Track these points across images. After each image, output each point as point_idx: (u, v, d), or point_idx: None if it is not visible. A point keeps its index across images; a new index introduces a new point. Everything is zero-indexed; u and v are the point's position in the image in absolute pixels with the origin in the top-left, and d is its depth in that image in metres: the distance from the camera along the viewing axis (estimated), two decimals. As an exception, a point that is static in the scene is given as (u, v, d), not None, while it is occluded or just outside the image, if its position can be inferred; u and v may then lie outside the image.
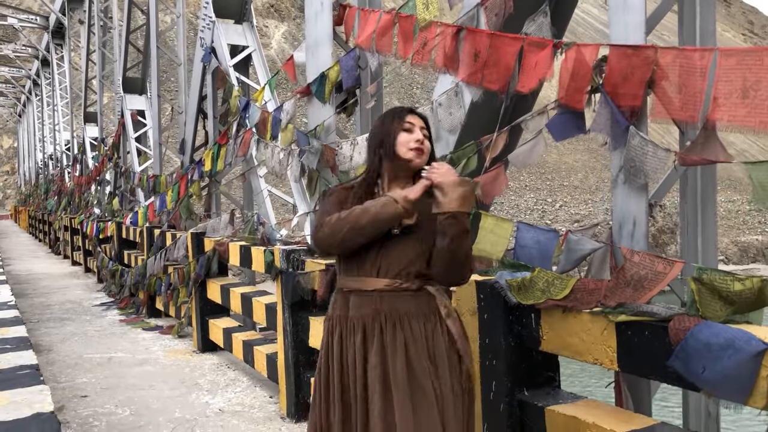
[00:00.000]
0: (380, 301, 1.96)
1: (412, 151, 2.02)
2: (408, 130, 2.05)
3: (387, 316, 1.95)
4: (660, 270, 1.98)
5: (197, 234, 5.77)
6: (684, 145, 2.46)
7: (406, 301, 1.96)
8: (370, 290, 1.98)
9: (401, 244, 1.97)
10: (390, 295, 1.96)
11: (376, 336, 1.95)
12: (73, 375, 5.00)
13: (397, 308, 1.95)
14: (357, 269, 2.01)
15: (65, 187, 16.86)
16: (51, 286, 10.05)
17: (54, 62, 19.96)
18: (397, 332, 1.93)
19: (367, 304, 1.98)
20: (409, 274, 1.97)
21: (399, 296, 1.96)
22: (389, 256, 1.97)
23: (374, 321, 1.96)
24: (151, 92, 9.75)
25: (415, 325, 1.94)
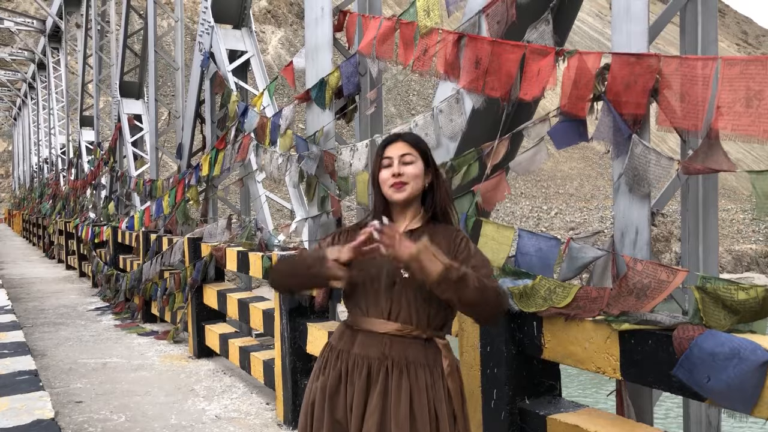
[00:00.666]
0: (389, 346, 1.88)
1: (390, 188, 1.94)
2: (387, 165, 1.95)
3: (394, 361, 1.87)
4: (663, 278, 1.98)
5: (194, 239, 5.74)
6: (686, 153, 2.46)
7: (415, 349, 1.88)
8: (380, 333, 1.90)
9: (411, 288, 1.88)
10: (399, 340, 1.88)
11: (380, 380, 1.86)
12: (67, 380, 4.96)
13: (405, 355, 1.87)
14: (367, 308, 1.92)
15: (60, 191, 16.80)
16: (45, 291, 9.99)
17: (50, 66, 19.92)
18: (403, 379, 1.86)
19: (376, 346, 1.89)
20: (420, 321, 1.89)
21: (408, 343, 1.88)
22: (400, 300, 1.89)
23: (381, 364, 1.88)
24: (148, 96, 9.73)
25: (420, 374, 1.86)
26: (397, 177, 1.92)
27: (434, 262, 1.72)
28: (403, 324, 1.88)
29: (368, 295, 1.93)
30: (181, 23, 8.50)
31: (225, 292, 5.19)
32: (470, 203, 2.91)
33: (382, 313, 1.91)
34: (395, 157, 1.94)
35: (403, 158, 1.94)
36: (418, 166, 1.94)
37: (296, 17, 50.71)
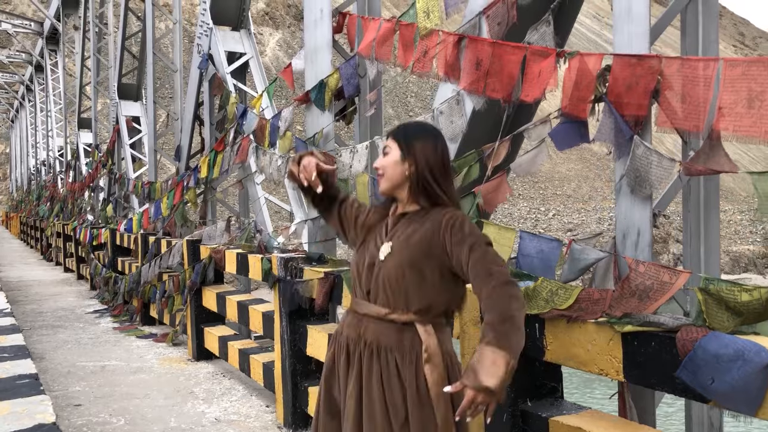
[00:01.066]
0: (365, 328, 1.90)
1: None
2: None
3: (367, 343, 1.88)
4: (666, 280, 1.97)
5: (193, 241, 5.73)
6: (687, 154, 2.46)
7: (389, 332, 1.86)
8: (360, 313, 1.93)
9: (388, 271, 1.88)
10: (375, 323, 1.88)
11: (356, 362, 1.90)
12: (66, 383, 4.94)
13: (378, 338, 1.87)
14: (354, 289, 1.99)
15: (58, 194, 16.78)
16: (43, 293, 9.97)
17: (48, 68, 19.90)
18: (374, 363, 1.86)
19: (355, 327, 1.94)
20: (397, 305, 1.87)
21: (384, 326, 1.87)
22: (378, 281, 1.90)
23: (356, 346, 1.92)
24: (147, 98, 9.72)
25: (391, 359, 1.84)
26: (376, 169, 2.00)
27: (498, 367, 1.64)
28: (381, 306, 1.89)
29: (356, 277, 1.99)
30: (179, 25, 8.49)
31: (224, 295, 5.18)
32: (471, 205, 2.91)
33: (363, 294, 1.95)
34: (380, 150, 2.03)
35: (383, 151, 2.00)
36: (393, 155, 1.96)
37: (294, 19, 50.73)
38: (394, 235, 1.93)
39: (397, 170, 1.95)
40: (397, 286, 1.87)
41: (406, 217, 1.96)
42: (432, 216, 1.91)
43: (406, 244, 1.88)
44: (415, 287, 1.86)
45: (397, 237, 1.92)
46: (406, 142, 1.96)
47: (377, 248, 1.94)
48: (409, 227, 1.92)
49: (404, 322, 1.86)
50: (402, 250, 1.88)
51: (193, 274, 5.53)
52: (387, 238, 1.94)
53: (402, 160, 1.94)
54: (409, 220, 1.95)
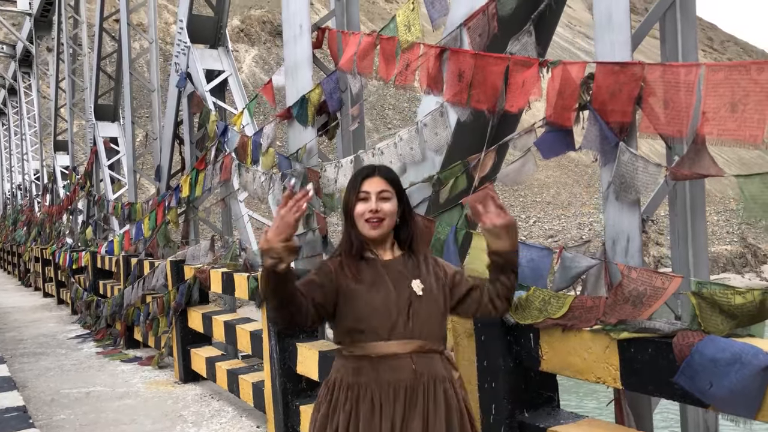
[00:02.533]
0: (418, 364, 1.91)
1: (366, 223, 1.95)
2: (364, 199, 1.96)
3: (428, 377, 1.91)
4: (659, 285, 1.98)
5: (177, 262, 5.66)
6: (671, 159, 2.48)
7: (436, 363, 1.95)
8: (406, 353, 1.91)
9: (426, 305, 1.95)
10: (424, 357, 1.92)
11: (419, 399, 1.88)
12: (50, 412, 4.83)
13: (432, 371, 1.92)
14: (388, 333, 1.90)
15: (35, 218, 16.50)
16: (23, 320, 9.77)
17: (21, 91, 19.65)
18: (438, 392, 1.91)
19: (405, 368, 1.89)
20: (436, 336, 1.96)
21: (432, 358, 1.94)
22: (419, 317, 1.93)
23: (416, 383, 1.89)
24: (124, 119, 9.63)
25: (446, 388, 1.93)
26: (375, 213, 1.95)
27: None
28: (424, 341, 1.93)
29: (388, 319, 1.92)
30: (156, 44, 8.44)
31: (210, 315, 5.12)
32: (459, 216, 2.90)
33: (405, 334, 1.92)
34: (373, 192, 1.96)
35: (380, 194, 1.97)
36: (393, 204, 1.98)
37: (269, 35, 50.72)
38: (413, 273, 1.97)
39: (393, 218, 1.99)
40: (435, 320, 1.96)
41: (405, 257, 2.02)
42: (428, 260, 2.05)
43: (433, 281, 1.98)
44: (442, 320, 2.00)
45: (420, 274, 1.98)
46: (399, 190, 2.02)
47: (406, 286, 1.94)
48: (425, 267, 2.01)
49: (439, 351, 1.97)
50: (433, 287, 1.97)
51: (178, 295, 5.46)
52: (411, 276, 1.96)
53: (398, 208, 2.00)
54: (415, 261, 2.02)
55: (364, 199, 1.96)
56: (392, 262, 1.99)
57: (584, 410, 6.05)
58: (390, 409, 1.87)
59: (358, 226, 1.97)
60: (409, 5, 3.27)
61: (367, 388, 1.90)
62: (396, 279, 1.95)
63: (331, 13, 4.57)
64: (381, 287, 1.93)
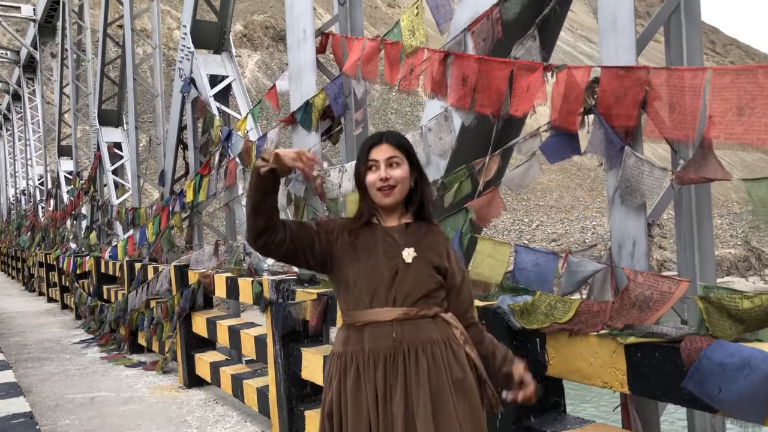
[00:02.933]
0: (400, 331, 1.90)
1: (378, 192, 1.95)
2: (372, 167, 1.96)
3: (409, 344, 1.89)
4: (665, 290, 1.97)
5: (181, 266, 5.66)
6: (677, 163, 2.47)
7: (427, 327, 1.92)
8: (387, 320, 1.90)
9: (414, 272, 1.93)
10: (409, 323, 1.91)
11: (399, 366, 1.87)
12: (54, 417, 4.83)
13: (418, 336, 1.90)
14: (370, 301, 1.93)
15: (39, 223, 16.53)
16: (27, 325, 9.78)
17: (26, 96, 19.71)
18: (420, 360, 1.88)
19: (386, 336, 1.90)
20: (427, 302, 1.93)
21: (418, 324, 1.91)
22: (405, 285, 1.92)
23: (397, 351, 1.89)
24: (128, 124, 9.65)
25: (436, 350, 1.90)
26: (385, 181, 1.93)
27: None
28: (409, 307, 1.91)
29: (371, 287, 1.94)
30: (159, 50, 8.46)
31: (215, 320, 5.11)
32: (464, 220, 2.90)
33: (387, 301, 1.92)
34: (381, 160, 1.95)
35: (389, 161, 1.95)
36: (404, 169, 1.96)
37: (272, 40, 50.84)
38: (410, 241, 1.96)
39: (406, 184, 1.97)
40: (424, 287, 1.94)
41: (411, 226, 2.00)
42: (432, 233, 2.03)
43: (428, 251, 1.96)
44: (436, 288, 1.96)
45: (416, 243, 1.96)
46: (410, 154, 1.99)
47: (396, 255, 1.94)
48: (425, 237, 1.99)
49: (433, 315, 1.94)
50: (427, 255, 1.95)
51: (182, 299, 5.46)
52: (405, 245, 1.95)
53: (410, 173, 1.98)
54: (416, 229, 2.00)
55: (373, 168, 1.95)
56: (393, 229, 1.98)
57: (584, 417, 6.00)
58: (372, 378, 1.88)
59: (371, 195, 1.97)
60: (413, 10, 3.28)
61: (353, 358, 1.92)
62: (389, 247, 1.95)
63: (334, 18, 4.57)
64: (372, 255, 1.95)
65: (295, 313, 3.76)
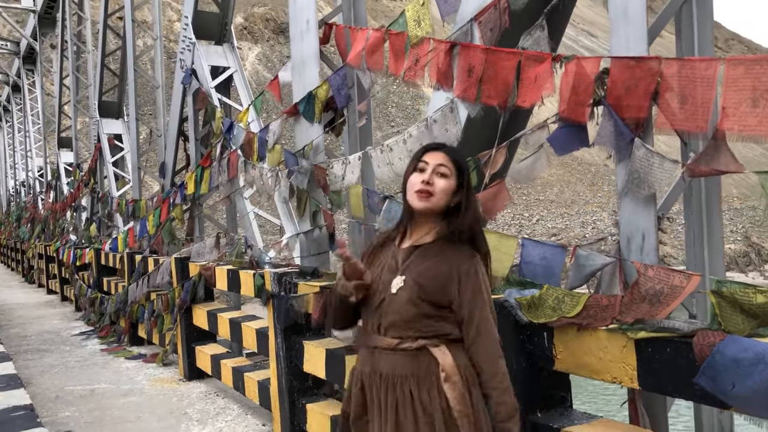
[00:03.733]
0: (378, 360, 1.87)
1: (415, 194, 1.87)
2: (421, 169, 1.89)
3: (382, 376, 1.86)
4: (677, 284, 1.94)
5: (181, 259, 5.63)
6: (687, 156, 2.44)
7: (403, 361, 1.84)
8: (372, 347, 1.90)
9: (399, 303, 1.86)
10: (387, 354, 1.86)
11: (375, 398, 1.88)
12: (54, 409, 4.80)
13: (392, 369, 1.85)
14: (366, 324, 1.95)
15: (39, 214, 16.49)
16: (27, 316, 9.76)
17: (25, 87, 19.64)
18: (389, 395, 1.84)
19: (368, 362, 1.91)
20: (408, 334, 1.85)
21: (396, 356, 1.85)
22: (389, 314, 1.87)
23: (371, 379, 1.89)
24: (129, 116, 9.60)
25: (406, 387, 1.82)
26: (425, 185, 1.87)
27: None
28: (392, 338, 1.86)
29: (368, 310, 1.94)
30: (160, 41, 8.40)
31: (215, 312, 5.09)
32: (469, 213, 2.86)
33: (374, 328, 1.90)
34: (431, 164, 1.89)
35: (438, 168, 1.89)
36: (450, 182, 1.89)
37: (272, 33, 50.66)
38: (407, 269, 1.89)
39: (445, 198, 1.89)
40: (408, 318, 1.85)
41: (420, 249, 1.91)
42: (451, 254, 1.88)
43: (420, 279, 1.85)
44: (426, 317, 1.85)
45: (410, 271, 1.87)
46: (462, 176, 1.91)
47: (387, 282, 1.90)
48: (424, 262, 1.88)
49: (417, 348, 1.84)
50: (415, 285, 1.85)
51: (183, 292, 5.43)
52: (399, 272, 1.89)
53: (455, 192, 1.90)
54: (423, 253, 1.90)
55: (421, 170, 1.89)
56: (400, 252, 1.93)
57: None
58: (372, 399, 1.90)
59: (407, 197, 1.91)
60: (419, 0, 3.23)
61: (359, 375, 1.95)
62: (389, 272, 1.91)
63: (337, 9, 4.53)
64: (376, 279, 1.93)
65: (298, 306, 3.73)
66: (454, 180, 1.89)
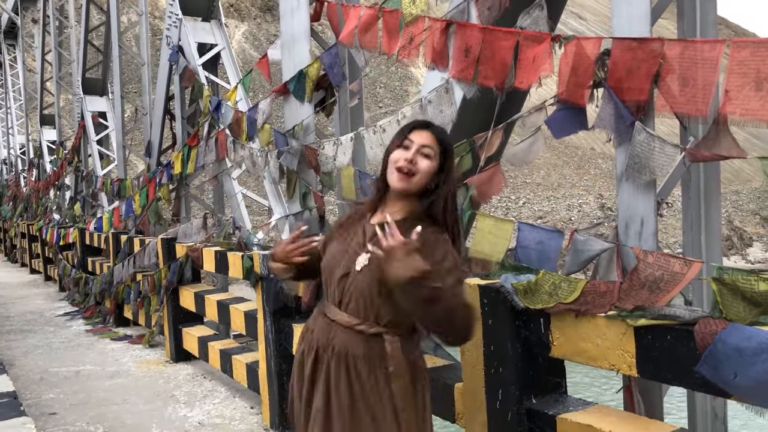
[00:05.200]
0: (335, 335, 1.84)
1: (396, 172, 1.81)
2: (405, 146, 1.83)
3: (334, 350, 1.83)
4: (677, 270, 1.91)
5: (168, 239, 5.55)
6: (686, 140, 2.40)
7: (357, 342, 1.81)
8: (330, 318, 1.87)
9: (362, 282, 1.80)
10: (344, 331, 1.82)
11: (324, 366, 1.85)
12: (38, 391, 4.74)
13: (347, 347, 1.81)
14: (326, 293, 1.92)
15: (21, 193, 16.25)
16: (9, 296, 9.63)
17: (6, 63, 19.23)
18: (342, 370, 1.81)
19: (325, 332, 1.87)
20: (367, 316, 1.81)
21: (352, 335, 1.81)
22: (350, 292, 1.83)
23: (324, 351, 1.86)
24: (114, 93, 9.42)
25: (361, 368, 1.80)
26: (409, 163, 1.80)
27: (410, 262, 1.61)
28: (350, 316, 1.83)
29: (329, 281, 1.90)
30: (146, 17, 8.22)
31: (203, 294, 5.03)
32: (464, 197, 2.82)
33: (335, 301, 1.87)
34: (416, 143, 1.83)
35: (422, 149, 1.82)
36: (432, 164, 1.83)
37: (259, 11, 49.98)
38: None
39: (425, 180, 1.83)
40: (370, 300, 1.80)
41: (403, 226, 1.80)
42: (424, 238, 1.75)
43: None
44: (385, 302, 1.78)
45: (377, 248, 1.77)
46: (446, 157, 1.86)
47: (353, 256, 1.83)
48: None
49: (372, 333, 1.81)
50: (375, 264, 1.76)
51: (170, 273, 5.36)
52: (365, 249, 1.82)
53: (437, 173, 1.84)
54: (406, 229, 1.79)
55: (405, 147, 1.83)
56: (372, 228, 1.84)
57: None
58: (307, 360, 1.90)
59: (387, 174, 1.85)
60: (414, -24, 3.15)
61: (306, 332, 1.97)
62: (357, 246, 1.86)
63: (329, -15, 4.42)
64: (339, 249, 1.89)
65: (288, 288, 3.68)
66: (437, 161, 1.84)
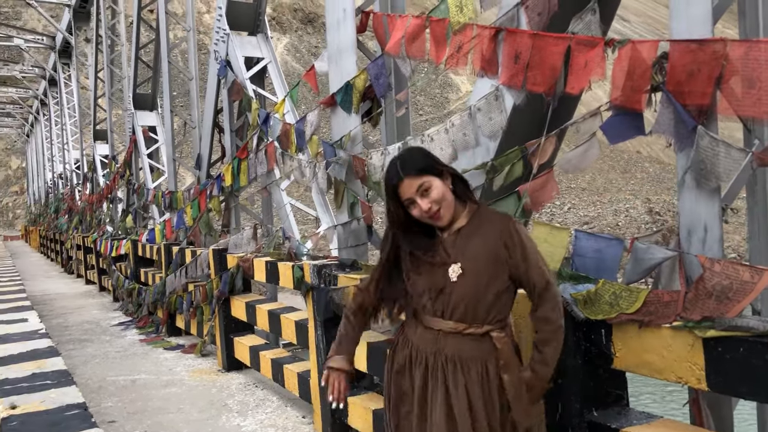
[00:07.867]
0: (444, 342, 1.96)
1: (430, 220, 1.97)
2: (408, 205, 1.97)
3: (448, 357, 1.95)
4: (746, 279, 1.83)
5: (219, 250, 5.65)
6: (751, 143, 2.32)
7: (469, 344, 1.94)
8: (435, 329, 1.98)
9: (463, 289, 1.94)
10: (453, 336, 1.95)
11: (438, 374, 1.95)
12: (98, 399, 4.87)
13: (459, 351, 1.94)
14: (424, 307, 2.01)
15: (76, 206, 16.81)
16: (67, 307, 9.95)
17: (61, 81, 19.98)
18: (458, 374, 1.93)
19: (431, 342, 1.97)
20: (475, 319, 1.95)
21: (462, 339, 1.95)
22: (452, 301, 1.95)
23: (436, 359, 1.96)
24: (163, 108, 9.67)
25: (473, 368, 1.93)
26: (430, 211, 1.93)
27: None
28: (457, 322, 1.94)
29: (422, 301, 2.01)
30: (194, 32, 8.43)
31: (254, 304, 5.09)
32: (516, 205, 2.78)
33: (435, 314, 1.98)
34: (412, 195, 1.94)
35: (420, 191, 1.94)
36: (437, 187, 1.94)
37: (300, 23, 50.70)
38: (458, 255, 1.95)
39: (446, 198, 1.96)
40: (475, 304, 1.93)
41: (462, 233, 1.99)
42: (485, 225, 1.99)
43: (478, 263, 1.94)
44: (493, 302, 1.95)
45: (463, 256, 1.94)
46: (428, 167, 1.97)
47: (444, 270, 1.95)
48: (470, 244, 1.96)
49: (481, 333, 1.95)
50: (475, 270, 1.93)
51: (221, 283, 5.45)
52: (452, 259, 1.95)
53: (442, 182, 1.97)
54: (467, 235, 1.98)
55: (409, 205, 1.97)
56: (447, 242, 1.99)
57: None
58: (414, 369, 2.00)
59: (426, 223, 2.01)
60: (462, -15, 3.13)
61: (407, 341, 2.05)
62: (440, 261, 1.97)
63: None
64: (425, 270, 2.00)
65: (338, 298, 3.69)
66: (436, 179, 1.95)
